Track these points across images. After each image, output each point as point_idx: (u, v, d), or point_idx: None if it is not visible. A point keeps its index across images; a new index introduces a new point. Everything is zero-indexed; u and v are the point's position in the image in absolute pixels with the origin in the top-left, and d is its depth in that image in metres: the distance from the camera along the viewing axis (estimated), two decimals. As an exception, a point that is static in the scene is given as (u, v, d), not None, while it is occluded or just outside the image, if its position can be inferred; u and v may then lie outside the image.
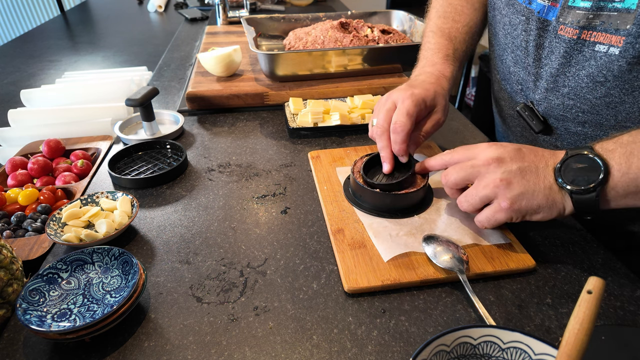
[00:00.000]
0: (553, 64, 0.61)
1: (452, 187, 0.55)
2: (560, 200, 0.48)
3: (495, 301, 0.49)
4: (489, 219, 0.51)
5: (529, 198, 0.48)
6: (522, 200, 0.48)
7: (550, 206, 0.48)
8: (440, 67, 0.71)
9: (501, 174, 0.49)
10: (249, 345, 0.45)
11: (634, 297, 0.50)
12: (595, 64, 0.56)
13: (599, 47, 0.55)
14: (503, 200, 0.48)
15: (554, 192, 0.48)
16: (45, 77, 1.31)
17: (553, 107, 0.64)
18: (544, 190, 0.48)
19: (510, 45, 0.69)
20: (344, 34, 1.08)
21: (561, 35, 0.58)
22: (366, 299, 0.50)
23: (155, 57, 1.43)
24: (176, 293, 0.51)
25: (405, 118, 0.59)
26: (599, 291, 0.34)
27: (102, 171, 0.77)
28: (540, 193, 0.48)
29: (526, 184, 0.48)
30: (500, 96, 0.78)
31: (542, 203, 0.48)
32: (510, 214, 0.49)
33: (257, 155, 0.79)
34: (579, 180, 0.46)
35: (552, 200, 0.48)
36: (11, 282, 0.47)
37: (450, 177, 0.54)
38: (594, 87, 0.57)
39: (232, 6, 1.71)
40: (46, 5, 3.58)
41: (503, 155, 0.50)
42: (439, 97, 0.65)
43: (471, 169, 0.51)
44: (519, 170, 0.48)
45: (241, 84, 0.99)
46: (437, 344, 0.36)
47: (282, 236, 0.60)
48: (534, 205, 0.48)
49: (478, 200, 0.51)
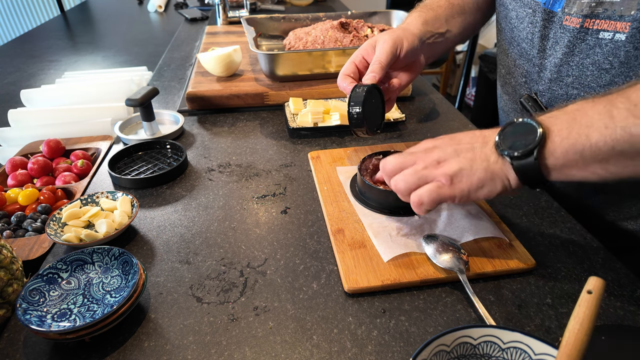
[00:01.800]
0: (557, 54, 0.62)
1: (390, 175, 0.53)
2: (501, 171, 0.46)
3: (495, 301, 0.49)
4: (430, 193, 0.48)
5: (467, 174, 0.47)
6: (461, 177, 0.47)
7: (492, 178, 0.47)
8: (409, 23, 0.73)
9: (437, 156, 0.49)
10: (249, 345, 0.45)
11: (634, 297, 0.50)
12: (600, 51, 0.56)
13: (604, 34, 0.55)
14: (442, 177, 0.48)
15: (492, 164, 0.46)
16: (45, 77, 1.31)
17: (557, 97, 0.64)
18: (482, 164, 0.47)
19: (516, 39, 0.69)
20: (344, 34, 1.08)
21: (566, 26, 0.59)
22: (366, 299, 0.50)
23: (155, 57, 1.43)
24: (176, 293, 0.51)
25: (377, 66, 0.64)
26: (599, 291, 0.34)
27: (102, 171, 0.77)
28: (478, 167, 0.47)
29: (462, 160, 0.48)
30: (505, 90, 0.79)
31: (482, 176, 0.47)
32: (451, 190, 0.48)
33: (257, 155, 0.79)
34: (517, 144, 0.45)
35: (491, 172, 0.46)
36: (11, 282, 0.47)
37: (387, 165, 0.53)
38: (599, 74, 0.58)
39: (232, 6, 1.71)
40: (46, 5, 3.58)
41: (437, 143, 0.51)
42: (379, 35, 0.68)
43: (409, 157, 0.51)
44: (454, 151, 0.49)
45: (241, 84, 0.99)
46: (437, 344, 0.36)
47: (282, 236, 0.60)
48: (475, 181, 0.47)
49: (415, 179, 0.49)
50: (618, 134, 0.40)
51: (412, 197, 0.49)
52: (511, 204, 0.65)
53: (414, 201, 0.49)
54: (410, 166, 0.50)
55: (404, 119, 0.88)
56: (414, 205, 0.50)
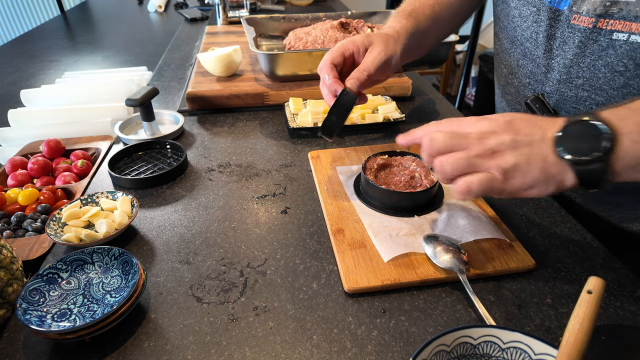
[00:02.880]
0: (566, 54, 0.60)
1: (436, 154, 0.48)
2: (558, 173, 0.43)
3: (495, 301, 0.49)
4: (481, 182, 0.44)
5: (523, 171, 0.44)
6: (515, 172, 0.44)
7: (546, 180, 0.43)
8: (391, 23, 0.73)
9: (493, 144, 0.45)
10: (249, 345, 0.45)
11: (634, 297, 0.50)
12: (614, 53, 0.54)
13: (617, 35, 0.53)
14: (496, 170, 0.44)
15: (550, 165, 0.43)
16: (45, 77, 1.31)
17: (565, 99, 0.63)
18: (538, 163, 0.43)
19: (520, 38, 0.68)
20: (344, 34, 1.08)
21: (575, 25, 0.57)
22: (366, 299, 0.50)
23: (155, 57, 1.43)
24: (176, 293, 0.51)
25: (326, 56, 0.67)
26: (599, 291, 0.34)
27: (102, 171, 0.77)
28: (534, 166, 0.43)
29: (519, 156, 0.44)
30: (507, 91, 0.77)
31: (537, 176, 0.43)
32: (502, 185, 0.44)
33: (257, 155, 0.79)
34: (583, 149, 0.41)
35: (548, 173, 0.43)
36: (11, 282, 0.47)
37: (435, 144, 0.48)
38: (612, 77, 0.56)
39: (232, 6, 1.71)
40: (46, 5, 3.58)
41: (494, 129, 0.46)
42: (373, 37, 0.68)
43: (461, 140, 0.46)
44: (512, 142, 0.44)
45: (241, 84, 0.99)
46: (437, 344, 0.36)
47: (282, 236, 0.60)
48: (528, 180, 0.44)
49: (466, 165, 0.45)
50: None
51: (459, 183, 0.46)
52: (511, 204, 0.65)
53: (461, 187, 0.45)
54: (462, 150, 0.46)
55: (404, 119, 0.88)
56: (459, 190, 0.46)
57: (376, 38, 0.67)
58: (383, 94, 0.97)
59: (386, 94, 0.97)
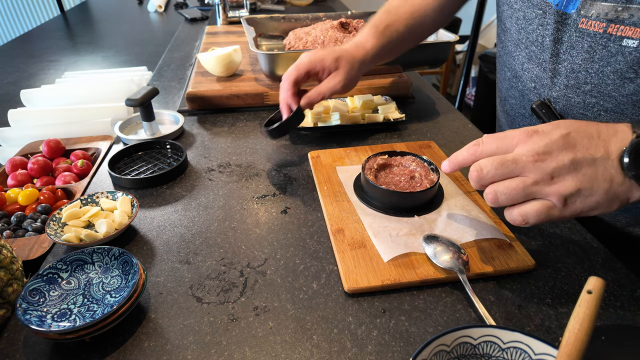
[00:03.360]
0: (575, 59, 0.58)
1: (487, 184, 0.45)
2: (624, 193, 0.41)
3: (495, 301, 0.49)
4: (538, 214, 0.42)
5: (585, 196, 0.41)
6: (577, 199, 0.41)
7: (611, 200, 0.41)
8: (365, 38, 0.75)
9: (552, 170, 0.41)
10: (249, 345, 0.45)
11: (634, 297, 0.50)
12: (623, 59, 0.53)
13: (627, 41, 0.52)
14: (556, 198, 0.41)
15: (616, 186, 0.40)
16: (45, 77, 1.31)
17: (573, 105, 0.61)
18: (604, 184, 0.40)
19: (524, 41, 0.66)
20: (344, 34, 1.08)
21: (584, 29, 0.56)
22: (366, 299, 0.50)
23: (155, 57, 1.43)
24: (176, 293, 0.51)
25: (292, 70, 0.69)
26: (599, 291, 0.34)
27: (102, 171, 0.77)
28: (599, 188, 0.40)
29: (582, 179, 0.40)
30: (511, 94, 0.76)
31: (601, 199, 0.41)
32: (562, 212, 0.42)
33: (257, 155, 0.79)
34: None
35: (613, 195, 0.41)
36: (11, 282, 0.47)
37: (486, 175, 0.44)
38: (621, 84, 0.55)
39: (232, 6, 1.71)
40: (46, 5, 3.58)
41: (549, 148, 0.42)
42: (342, 61, 0.70)
43: (514, 166, 0.42)
44: (572, 164, 0.41)
45: (241, 84, 0.99)
46: (437, 344, 0.36)
47: (282, 236, 0.60)
48: (592, 203, 0.41)
49: (522, 195, 0.42)
50: None
51: (514, 213, 0.43)
52: (511, 204, 0.65)
53: (516, 218, 0.43)
54: (516, 176, 0.43)
55: (404, 119, 0.88)
56: (515, 222, 0.43)
57: (343, 64, 0.70)
58: (383, 94, 0.97)
59: (386, 94, 0.97)
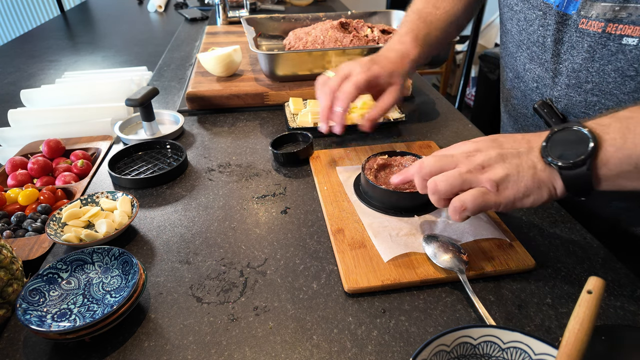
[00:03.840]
0: (575, 59, 0.59)
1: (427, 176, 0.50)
2: (548, 180, 0.45)
3: (495, 301, 0.49)
4: (475, 198, 0.45)
5: (514, 181, 0.45)
6: (507, 183, 0.45)
7: (539, 187, 0.45)
8: (408, 47, 0.74)
9: (481, 160, 0.47)
10: (249, 345, 0.45)
11: (634, 297, 0.50)
12: (624, 57, 0.54)
13: (627, 40, 0.53)
14: (488, 183, 0.45)
15: (539, 172, 0.45)
16: (45, 77, 1.31)
17: (574, 103, 0.62)
18: (529, 171, 0.45)
19: (526, 42, 0.67)
20: (344, 34, 1.08)
21: (584, 29, 0.56)
22: (366, 299, 0.50)
23: (155, 57, 1.43)
24: (176, 293, 0.51)
25: (352, 88, 0.66)
26: (599, 291, 0.34)
27: (102, 171, 0.77)
28: (525, 174, 0.45)
29: (509, 166, 0.45)
30: (513, 95, 0.76)
31: (529, 184, 0.45)
32: (497, 198, 0.45)
33: (257, 155, 0.79)
34: (568, 154, 0.43)
35: (540, 180, 0.45)
36: (11, 282, 0.47)
37: (426, 166, 0.50)
38: (622, 82, 0.55)
39: (232, 6, 1.71)
40: (46, 5, 3.58)
41: (479, 147, 0.48)
42: (395, 76, 0.70)
43: (450, 159, 0.48)
44: (499, 155, 0.46)
45: (241, 84, 0.99)
46: (437, 344, 0.36)
47: (282, 236, 0.60)
48: (521, 188, 0.45)
49: (459, 181, 0.46)
50: None
51: (453, 202, 0.47)
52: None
53: (455, 206, 0.46)
54: (452, 169, 0.48)
55: (404, 118, 0.88)
56: (454, 210, 0.47)
57: (396, 79, 0.70)
58: (383, 94, 0.97)
59: (386, 94, 0.97)
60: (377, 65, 0.69)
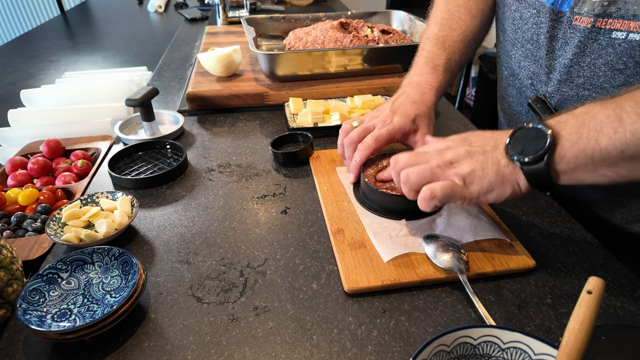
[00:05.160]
0: (568, 54, 0.60)
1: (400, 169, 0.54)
2: (511, 175, 0.47)
3: (495, 301, 0.49)
4: (444, 187, 0.48)
5: (479, 176, 0.48)
6: (473, 178, 0.48)
7: (502, 182, 0.48)
8: (428, 78, 0.73)
9: (450, 157, 0.50)
10: (249, 345, 0.45)
11: (634, 297, 0.50)
12: (613, 51, 0.55)
13: (616, 33, 0.54)
14: (455, 177, 0.49)
15: (503, 167, 0.48)
16: (45, 77, 1.31)
17: (567, 98, 0.63)
18: (493, 167, 0.48)
19: (520, 40, 0.68)
20: (344, 34, 1.08)
21: (576, 26, 0.58)
22: (366, 299, 0.50)
23: (155, 57, 1.43)
24: (176, 293, 0.51)
25: (372, 142, 0.65)
26: (599, 291, 0.34)
27: (102, 171, 0.77)
28: (489, 170, 0.48)
29: (474, 163, 0.49)
30: (508, 93, 0.77)
31: (493, 180, 0.48)
32: (463, 191, 0.49)
33: (257, 155, 0.79)
34: (528, 150, 0.46)
35: (503, 176, 0.48)
36: (11, 282, 0.47)
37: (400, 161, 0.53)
38: (612, 75, 0.57)
39: (232, 6, 1.71)
40: (46, 5, 3.58)
41: (449, 144, 0.52)
42: (420, 119, 0.68)
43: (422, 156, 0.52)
44: (467, 152, 0.50)
45: (241, 84, 0.99)
46: (437, 344, 0.36)
47: (282, 236, 0.60)
48: (485, 184, 0.48)
49: (429, 174, 0.50)
50: (627, 138, 0.40)
51: (423, 190, 0.49)
52: (511, 204, 0.65)
53: (425, 194, 0.49)
54: (424, 163, 0.51)
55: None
56: (424, 198, 0.49)
57: (421, 122, 0.68)
58: (383, 94, 0.97)
59: (386, 94, 0.97)
60: (398, 115, 0.67)
